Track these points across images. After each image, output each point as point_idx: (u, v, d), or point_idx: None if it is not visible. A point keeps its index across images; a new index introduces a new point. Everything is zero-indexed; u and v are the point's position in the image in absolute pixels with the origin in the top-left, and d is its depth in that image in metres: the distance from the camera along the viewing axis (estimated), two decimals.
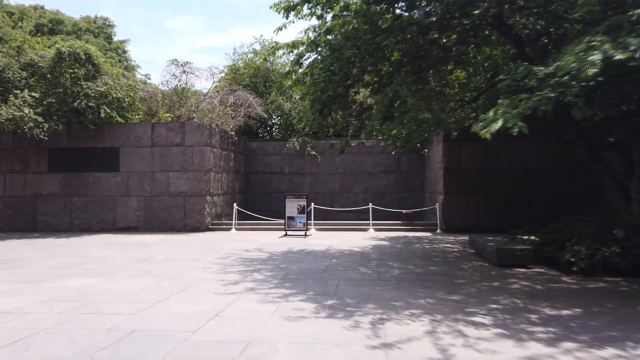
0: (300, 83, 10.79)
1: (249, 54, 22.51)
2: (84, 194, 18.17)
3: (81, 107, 16.71)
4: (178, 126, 18.08)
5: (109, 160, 18.11)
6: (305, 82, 10.59)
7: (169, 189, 17.95)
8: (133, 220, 18.00)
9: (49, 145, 17.96)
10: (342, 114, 10.11)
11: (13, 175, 18.33)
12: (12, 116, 15.30)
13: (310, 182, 22.42)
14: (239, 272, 9.06)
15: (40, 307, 6.49)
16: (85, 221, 18.11)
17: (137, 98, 18.82)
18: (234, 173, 21.22)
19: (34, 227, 18.14)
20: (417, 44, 8.52)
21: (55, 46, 17.15)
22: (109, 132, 18.10)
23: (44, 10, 28.06)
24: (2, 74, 16.54)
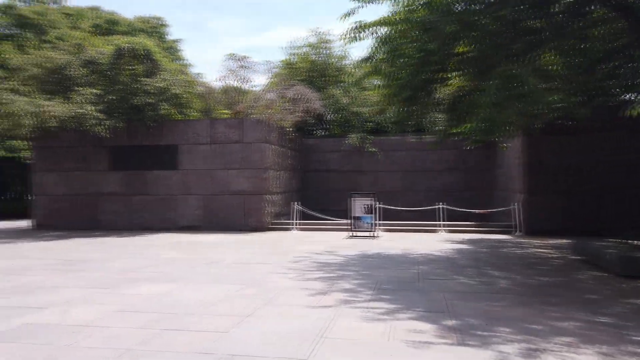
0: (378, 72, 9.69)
1: (303, 47, 21.58)
2: (144, 192, 17.76)
3: (140, 104, 16.26)
4: (237, 122, 17.37)
5: (168, 158, 17.61)
6: (381, 70, 9.48)
7: (228, 187, 17.26)
8: (193, 219, 17.43)
9: (109, 143, 17.65)
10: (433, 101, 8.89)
11: (76, 173, 18.14)
12: (74, 113, 14.97)
13: (369, 180, 21.27)
14: (322, 280, 8.06)
15: (117, 319, 5.70)
16: (145, 220, 17.69)
17: (195, 94, 18.25)
18: (291, 171, 20.37)
19: (96, 225, 17.89)
20: (528, 16, 7.22)
21: (114, 42, 16.76)
22: (167, 130, 17.60)
23: (100, 11, 28.22)
24: (64, 72, 16.29)
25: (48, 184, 18.37)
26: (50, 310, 6.11)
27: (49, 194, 18.36)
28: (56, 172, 18.26)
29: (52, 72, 16.28)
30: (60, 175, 18.24)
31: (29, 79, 16.35)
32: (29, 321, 5.62)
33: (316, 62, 21.31)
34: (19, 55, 16.98)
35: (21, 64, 16.77)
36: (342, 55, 21.42)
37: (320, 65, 21.22)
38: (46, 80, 16.27)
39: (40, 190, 18.45)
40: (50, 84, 16.31)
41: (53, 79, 16.33)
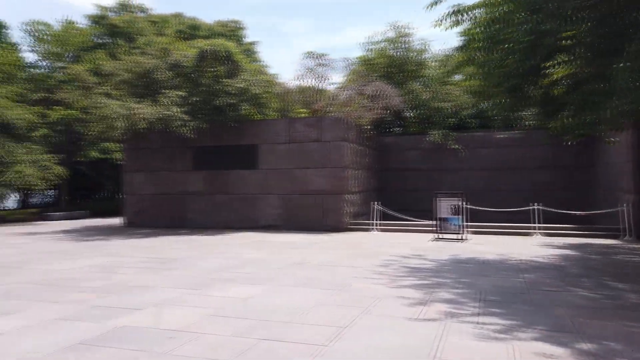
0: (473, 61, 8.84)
1: (381, 43, 20.85)
2: (225, 191, 17.99)
3: (222, 105, 16.42)
4: (315, 121, 17.07)
5: (249, 157, 17.69)
6: (477, 59, 8.61)
7: (306, 186, 17.01)
8: (272, 219, 17.38)
9: (193, 144, 18.05)
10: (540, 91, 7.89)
11: (162, 173, 18.78)
12: (161, 115, 15.39)
13: (451, 179, 20.15)
14: (417, 287, 7.41)
15: (211, 324, 5.44)
16: (227, 219, 17.91)
17: (273, 94, 18.20)
18: (369, 170, 19.76)
19: (182, 223, 18.40)
20: None
21: (197, 45, 17.08)
22: (248, 130, 17.69)
23: (182, 17, 29.30)
24: (151, 75, 16.84)
25: (137, 183, 19.18)
26: (144, 312, 6.00)
27: (138, 193, 19.17)
28: (144, 172, 19.01)
29: (141, 76, 16.89)
30: (148, 175, 18.96)
31: (120, 84, 17.10)
32: (123, 323, 5.52)
33: (394, 57, 20.52)
34: (111, 61, 17.84)
35: (113, 69, 17.60)
36: (421, 49, 20.46)
37: (398, 60, 20.40)
38: (136, 84, 16.92)
39: (130, 189, 19.31)
40: (140, 88, 16.94)
41: (142, 83, 16.95)
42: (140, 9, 29.35)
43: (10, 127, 21.18)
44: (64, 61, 25.60)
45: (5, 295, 6.96)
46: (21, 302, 6.50)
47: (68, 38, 25.75)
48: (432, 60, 21.19)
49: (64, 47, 25.71)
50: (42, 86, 24.76)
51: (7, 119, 20.64)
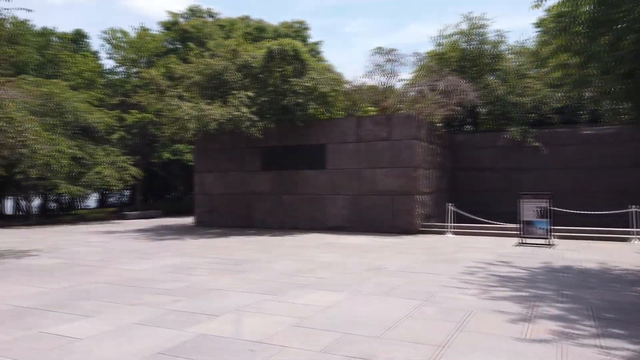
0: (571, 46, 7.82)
1: (454, 35, 19.74)
2: (293, 192, 17.75)
3: (290, 104, 16.17)
4: (384, 119, 16.39)
5: (316, 157, 17.33)
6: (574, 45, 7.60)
7: (375, 186, 16.37)
8: (340, 220, 16.90)
9: (261, 144, 17.97)
10: None
11: (231, 173, 18.88)
12: (231, 116, 15.36)
13: (531, 179, 18.69)
14: (514, 300, 6.59)
15: (294, 336, 4.98)
16: (295, 219, 17.65)
17: (341, 92, 17.72)
18: (440, 169, 18.77)
19: (250, 223, 18.38)
20: None
21: (265, 46, 16.96)
22: (315, 129, 17.33)
23: (249, 20, 29.65)
24: (221, 77, 16.92)
25: (207, 183, 19.42)
26: (222, 319, 5.67)
27: (208, 193, 19.40)
28: (214, 172, 19.21)
29: (211, 78, 17.02)
30: (218, 175, 19.14)
31: (191, 86, 17.34)
32: (202, 331, 5.20)
33: (468, 51, 19.35)
34: (183, 65, 18.17)
35: (184, 72, 17.90)
36: (497, 41, 19.14)
37: (472, 53, 19.22)
38: (206, 86, 17.08)
39: (200, 189, 19.59)
40: (210, 90, 17.09)
41: (212, 85, 17.09)
42: (209, 13, 30.02)
43: (91, 131, 22.25)
44: (138, 67, 26.66)
45: (85, 295, 6.94)
46: (99, 304, 6.41)
47: (142, 44, 26.79)
48: (508, 52, 19.79)
49: (139, 53, 26.77)
50: (119, 91, 25.90)
51: (88, 123, 21.68)
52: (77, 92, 23.02)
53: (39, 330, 5.22)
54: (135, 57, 26.70)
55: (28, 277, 8.33)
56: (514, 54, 19.78)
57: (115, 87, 26.53)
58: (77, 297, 6.80)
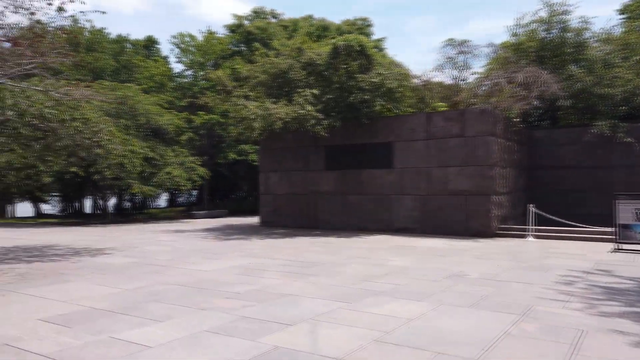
0: None
1: (531, 24, 18.23)
2: (358, 191, 17.15)
3: (356, 101, 15.58)
4: (457, 114, 15.38)
5: (383, 156, 16.62)
6: None
7: (446, 186, 15.40)
8: (408, 221, 16.08)
9: (325, 143, 17.53)
10: None
11: (295, 173, 18.59)
12: (296, 114, 15.03)
13: (622, 178, 16.85)
14: (628, 317, 5.60)
15: (380, 355, 4.38)
16: (360, 220, 17.04)
17: (409, 88, 16.89)
18: (517, 168, 17.40)
19: (314, 224, 18.00)
20: None
21: (331, 42, 16.50)
22: (381, 127, 16.63)
23: (312, 19, 29.42)
24: (286, 75, 16.65)
25: (272, 183, 19.26)
26: (296, 329, 5.19)
27: (272, 193, 19.24)
28: (279, 172, 19.02)
29: (276, 76, 16.81)
30: (282, 175, 18.92)
31: (257, 85, 17.23)
32: (277, 342, 4.73)
33: (547, 40, 17.78)
34: (248, 65, 18.13)
35: (250, 72, 17.84)
36: (581, 28, 17.43)
37: (552, 42, 17.62)
38: (271, 85, 16.89)
39: (265, 189, 19.48)
40: (275, 88, 16.88)
41: (277, 84, 16.87)
42: (272, 14, 30.12)
43: (161, 132, 22.89)
44: (205, 69, 27.21)
45: (156, 297, 6.73)
46: (170, 307, 6.15)
47: (209, 47, 27.31)
48: (593, 40, 17.99)
49: (206, 56, 27.31)
50: (188, 93, 26.54)
51: (159, 125, 22.30)
52: (149, 95, 23.79)
53: (110, 335, 4.99)
54: (202, 60, 27.27)
55: (101, 276, 8.34)
56: (600, 41, 17.95)
57: (184, 89, 27.22)
58: (148, 298, 6.61)
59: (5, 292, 7.01)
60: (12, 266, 9.39)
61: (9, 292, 7.00)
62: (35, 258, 10.51)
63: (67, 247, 12.44)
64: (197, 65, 27.60)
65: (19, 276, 8.27)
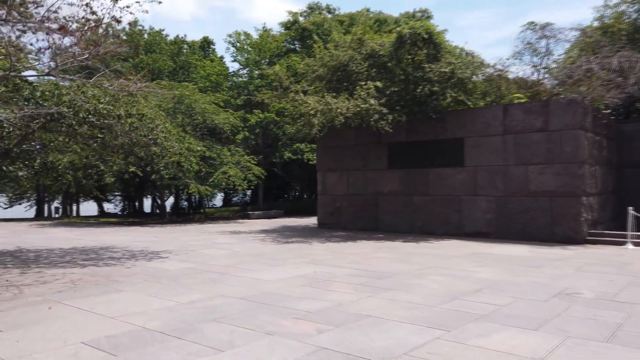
0: None
1: (621, 5, 16.06)
2: (425, 192, 15.71)
3: (423, 94, 14.17)
4: (539, 106, 13.62)
5: (452, 153, 15.09)
6: None
7: (526, 186, 13.68)
8: (482, 225, 14.47)
9: (388, 139, 16.24)
10: None
11: (355, 172, 17.40)
12: (358, 109, 13.83)
13: None
14: None
15: None
16: (427, 223, 15.60)
17: (481, 78, 15.26)
18: (607, 166, 15.33)
19: (376, 226, 16.73)
20: None
21: (395, 30, 15.17)
22: (451, 121, 15.12)
23: (369, 12, 28.13)
24: (347, 68, 15.50)
25: (330, 183, 18.18)
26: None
27: (331, 193, 18.15)
28: (337, 171, 17.90)
29: (336, 70, 15.71)
30: (341, 174, 17.79)
31: (315, 80, 16.20)
32: None
33: None
34: (306, 59, 17.12)
35: (307, 67, 16.84)
36: None
37: None
38: (330, 79, 15.80)
39: (323, 189, 18.42)
40: (334, 82, 15.79)
41: (336, 77, 15.77)
42: (328, 9, 29.11)
43: (217, 132, 22.42)
44: (261, 67, 26.59)
45: (213, 314, 5.76)
46: (230, 329, 5.14)
47: (264, 45, 26.65)
48: None
49: (261, 54, 26.69)
50: (243, 92, 26.01)
51: (215, 124, 21.81)
52: (205, 94, 23.41)
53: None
54: (257, 58, 26.66)
55: (154, 285, 7.52)
56: None
57: (239, 88, 26.73)
58: (206, 316, 5.65)
59: (52, 302, 6.30)
60: (66, 270, 8.82)
61: (57, 303, 6.28)
62: (90, 261, 9.96)
63: (124, 250, 11.92)
64: (252, 64, 27.03)
65: (70, 283, 7.61)
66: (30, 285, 7.41)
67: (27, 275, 8.36)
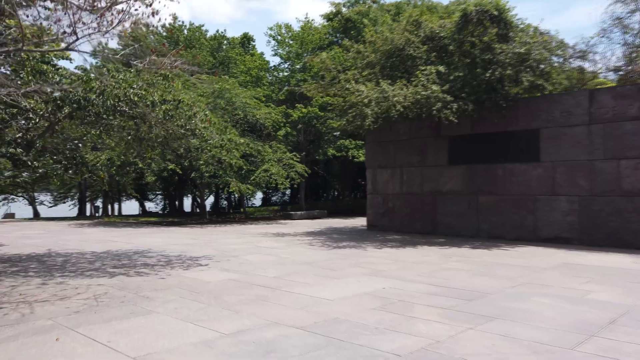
0: None
1: None
2: (492, 191, 13.73)
3: (494, 79, 12.22)
4: (635, 90, 11.43)
5: (525, 146, 13.06)
6: None
7: (620, 184, 11.51)
8: (562, 228, 12.38)
9: (448, 132, 14.36)
10: None
11: (410, 169, 15.57)
12: (419, 97, 12.03)
13: None
14: None
15: None
16: (494, 226, 13.62)
17: (561, 60, 13.15)
18: None
19: (434, 229, 14.87)
20: None
21: (459, 9, 13.28)
22: (523, 110, 13.09)
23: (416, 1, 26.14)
24: (403, 53, 13.73)
25: (380, 181, 16.43)
26: None
27: (382, 192, 16.39)
28: (389, 168, 16.13)
29: (390, 55, 13.99)
30: (394, 171, 16.01)
31: (366, 67, 14.51)
32: None
33: None
34: (356, 45, 15.42)
35: (356, 55, 15.18)
36: None
37: None
38: (384, 65, 14.08)
39: (373, 188, 16.70)
40: (388, 69, 14.05)
41: (390, 63, 14.04)
42: None
43: (258, 128, 21.09)
44: (302, 60, 25.13)
45: (265, 356, 4.18)
46: None
47: (306, 37, 25.18)
48: None
49: (303, 46, 25.22)
50: (284, 87, 24.63)
51: (257, 119, 20.48)
52: (246, 89, 22.15)
53: None
54: (299, 50, 25.19)
55: (191, 305, 6.06)
56: None
57: (281, 82, 25.36)
58: (254, 358, 4.09)
59: (64, 329, 4.91)
60: (92, 281, 7.52)
61: (69, 330, 4.89)
62: (121, 269, 8.66)
63: (160, 254, 10.62)
64: (294, 57, 25.59)
65: (92, 299, 6.26)
66: (45, 302, 6.10)
67: (46, 287, 7.09)
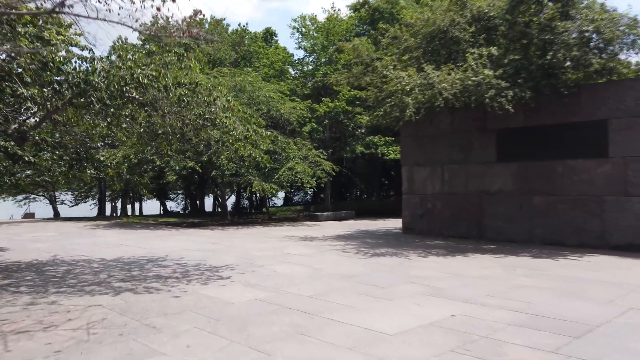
0: None
1: None
2: (548, 191, 11.94)
3: (556, 61, 10.45)
4: None
5: (590, 140, 11.24)
6: None
7: None
8: (637, 234, 10.54)
9: (496, 125, 12.63)
10: None
11: (452, 167, 13.87)
12: (470, 82, 10.35)
13: None
14: None
15: None
16: (551, 230, 11.83)
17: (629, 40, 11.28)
18: None
19: (480, 233, 13.14)
20: None
21: None
22: (586, 97, 11.28)
23: None
24: (447, 35, 12.05)
25: (418, 180, 14.76)
26: None
27: (419, 192, 14.72)
28: (428, 165, 14.45)
29: (432, 38, 12.33)
30: (433, 169, 14.32)
31: (404, 52, 12.88)
32: None
33: None
34: (391, 29, 13.80)
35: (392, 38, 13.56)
36: None
37: None
38: (425, 49, 12.43)
39: (409, 187, 15.04)
40: (429, 54, 12.40)
41: (432, 47, 12.37)
42: None
43: (282, 123, 19.65)
44: (328, 53, 23.58)
45: None
46: None
47: (332, 28, 23.64)
48: None
49: (329, 37, 23.68)
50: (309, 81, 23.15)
51: (281, 114, 19.04)
52: (269, 83, 20.74)
53: None
54: (325, 42, 23.66)
55: (208, 339, 4.59)
56: None
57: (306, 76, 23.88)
58: None
59: None
60: (91, 300, 6.12)
61: None
62: (129, 283, 7.26)
63: (176, 263, 9.21)
64: (319, 49, 24.06)
65: (84, 331, 4.83)
66: (23, 334, 4.70)
67: (34, 308, 5.72)
